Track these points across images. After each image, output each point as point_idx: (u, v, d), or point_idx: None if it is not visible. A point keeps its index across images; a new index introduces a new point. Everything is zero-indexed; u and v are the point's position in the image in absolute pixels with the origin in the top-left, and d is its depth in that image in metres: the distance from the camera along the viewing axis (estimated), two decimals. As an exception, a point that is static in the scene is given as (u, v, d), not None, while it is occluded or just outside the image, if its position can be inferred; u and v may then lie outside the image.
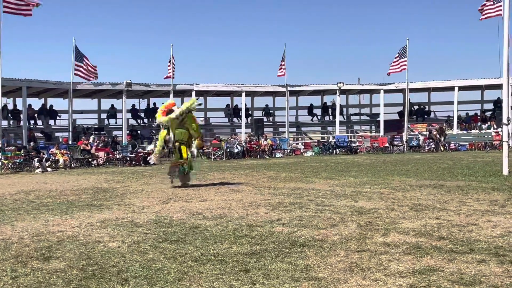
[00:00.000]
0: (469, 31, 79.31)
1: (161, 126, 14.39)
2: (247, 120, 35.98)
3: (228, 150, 28.72)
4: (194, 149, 14.12)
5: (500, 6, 20.93)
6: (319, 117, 39.31)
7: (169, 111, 13.82)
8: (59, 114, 33.20)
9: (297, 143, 36.02)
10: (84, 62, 28.14)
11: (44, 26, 74.93)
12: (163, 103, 14.56)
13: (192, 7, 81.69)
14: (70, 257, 6.12)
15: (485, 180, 13.33)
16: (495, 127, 33.78)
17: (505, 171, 14.91)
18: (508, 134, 15.95)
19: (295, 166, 20.82)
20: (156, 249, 6.41)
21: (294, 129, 39.11)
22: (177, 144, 13.83)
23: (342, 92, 36.91)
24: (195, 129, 13.98)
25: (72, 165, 23.39)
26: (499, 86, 29.07)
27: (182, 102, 36.24)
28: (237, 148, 29.27)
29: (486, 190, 11.36)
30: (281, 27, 79.83)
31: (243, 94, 34.94)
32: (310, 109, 39.08)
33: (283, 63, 33.65)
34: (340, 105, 36.91)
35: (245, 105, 35.78)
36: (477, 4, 23.86)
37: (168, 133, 13.89)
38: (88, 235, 7.39)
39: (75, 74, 28.31)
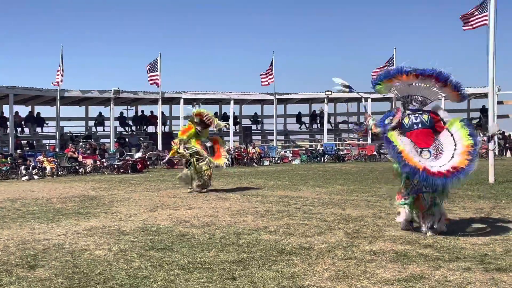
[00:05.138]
0: (455, 41, 79.87)
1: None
2: (235, 128, 35.99)
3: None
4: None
5: (486, 15, 21.15)
6: (307, 125, 39.39)
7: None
8: (46, 122, 33.00)
9: (285, 151, 36.04)
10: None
11: (31, 33, 74.50)
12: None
13: (181, 15, 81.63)
14: (56, 265, 6.08)
15: (471, 188, 13.41)
16: (482, 135, 33.99)
17: (491, 179, 15.02)
18: (494, 142, 16.08)
19: (283, 174, 20.84)
20: (142, 257, 6.39)
21: (283, 137, 39.16)
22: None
23: (330, 100, 37.04)
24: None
25: (59, 173, 23.22)
26: (485, 95, 29.30)
27: (170, 110, 36.26)
28: (225, 156, 29.19)
29: (472, 198, 11.44)
30: (270, 35, 79.97)
31: (232, 102, 34.94)
32: (298, 117, 39.17)
33: (271, 72, 33.69)
34: (328, 113, 37.03)
35: (234, 113, 35.79)
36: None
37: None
38: (74, 243, 7.35)
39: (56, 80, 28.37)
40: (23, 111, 32.78)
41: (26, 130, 32.26)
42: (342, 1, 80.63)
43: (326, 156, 32.38)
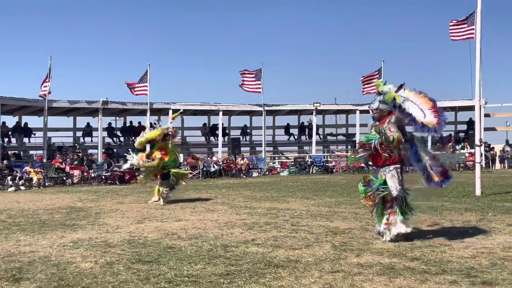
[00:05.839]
0: (442, 52, 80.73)
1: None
2: (224, 139, 35.97)
3: (204, 169, 28.65)
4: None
5: (473, 29, 21.41)
6: (295, 137, 39.47)
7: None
8: (33, 132, 32.80)
9: (274, 163, 36.06)
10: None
11: (19, 43, 74.31)
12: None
13: (169, 25, 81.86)
14: (41, 278, 6.03)
15: (458, 201, 13.49)
16: (469, 148, 34.24)
17: (478, 192, 15.09)
18: (481, 155, 16.19)
19: (271, 186, 20.83)
20: (129, 270, 6.35)
21: (271, 148, 39.19)
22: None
23: (319, 112, 37.17)
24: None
25: (46, 184, 23.07)
26: (472, 108, 29.57)
27: (159, 120, 36.05)
28: (213, 167, 29.23)
29: (459, 211, 11.49)
30: (258, 46, 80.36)
31: (220, 113, 34.95)
32: (287, 128, 39.25)
33: (259, 83, 33.71)
34: (317, 125, 37.14)
35: (222, 124, 35.79)
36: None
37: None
38: (60, 255, 7.29)
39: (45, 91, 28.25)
40: (10, 121, 32.59)
41: (13, 140, 32.03)
42: (330, 14, 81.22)
43: (315, 167, 32.43)
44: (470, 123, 35.89)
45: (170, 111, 33.45)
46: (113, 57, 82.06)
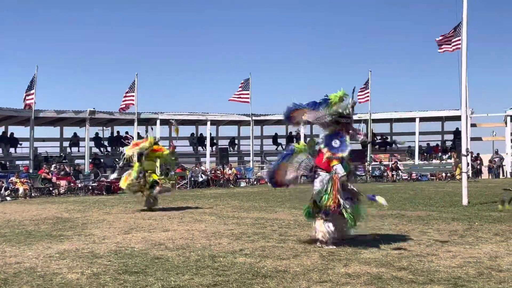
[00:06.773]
0: (429, 64, 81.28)
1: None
2: (212, 149, 35.97)
3: (192, 179, 28.59)
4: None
5: (459, 40, 21.65)
6: (283, 146, 39.52)
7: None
8: (20, 142, 32.60)
9: (262, 172, 36.04)
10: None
11: (5, 53, 73.74)
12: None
13: (157, 35, 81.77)
14: (27, 289, 5.96)
15: (445, 210, 13.55)
16: (455, 157, 34.42)
17: (465, 201, 15.17)
18: (467, 165, 16.30)
19: (259, 196, 20.79)
20: (116, 281, 6.30)
21: (259, 158, 39.21)
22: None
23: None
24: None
25: (33, 194, 22.91)
26: (458, 118, 29.80)
27: (146, 130, 35.98)
28: (201, 177, 29.18)
29: (446, 220, 11.54)
30: (247, 56, 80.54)
31: (208, 123, 35.00)
32: (275, 138, 39.32)
33: (247, 93, 33.82)
34: (304, 134, 37.21)
35: (210, 134, 35.79)
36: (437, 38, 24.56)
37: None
38: (46, 266, 7.21)
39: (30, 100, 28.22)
40: (-4, 131, 32.41)
41: (-1, 150, 31.83)
42: (318, 22, 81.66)
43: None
44: (457, 133, 36.16)
45: (158, 121, 33.49)
46: (100, 66, 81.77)
